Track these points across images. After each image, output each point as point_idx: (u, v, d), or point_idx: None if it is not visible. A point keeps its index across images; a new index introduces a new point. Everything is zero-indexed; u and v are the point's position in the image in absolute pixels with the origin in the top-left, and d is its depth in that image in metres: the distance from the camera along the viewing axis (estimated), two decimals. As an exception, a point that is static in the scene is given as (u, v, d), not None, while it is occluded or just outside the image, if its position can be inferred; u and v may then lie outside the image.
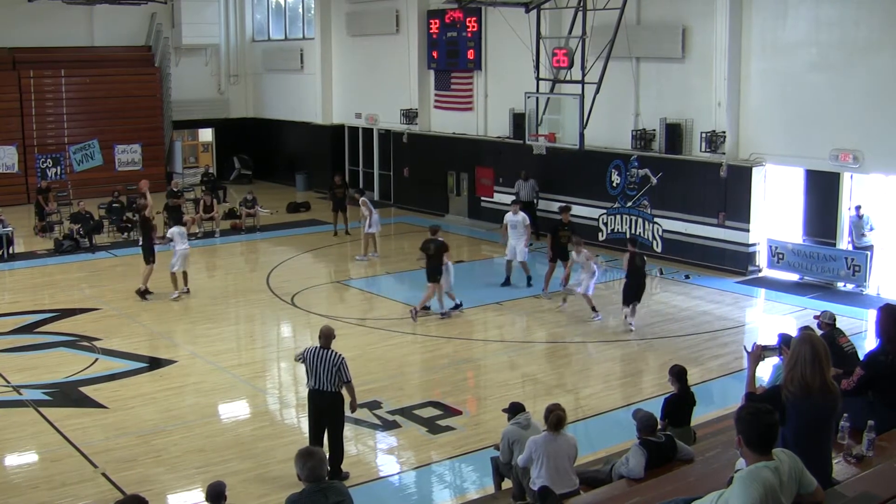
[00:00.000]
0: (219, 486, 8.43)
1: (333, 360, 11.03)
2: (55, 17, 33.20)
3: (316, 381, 11.13)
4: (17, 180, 32.45)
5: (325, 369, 11.03)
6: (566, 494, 8.80)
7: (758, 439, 5.38)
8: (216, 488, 8.38)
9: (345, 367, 11.07)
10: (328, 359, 11.04)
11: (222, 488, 8.41)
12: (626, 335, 17.51)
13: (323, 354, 11.08)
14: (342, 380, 11.10)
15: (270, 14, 38.25)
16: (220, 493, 8.35)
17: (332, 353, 11.09)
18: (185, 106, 36.79)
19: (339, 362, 11.03)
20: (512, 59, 25.42)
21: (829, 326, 11.54)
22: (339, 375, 11.05)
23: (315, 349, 11.18)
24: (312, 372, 11.11)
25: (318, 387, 11.13)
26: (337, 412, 11.31)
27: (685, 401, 10.76)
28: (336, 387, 11.13)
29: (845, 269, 19.98)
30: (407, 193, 31.68)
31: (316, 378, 11.10)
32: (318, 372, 11.06)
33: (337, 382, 11.10)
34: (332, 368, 11.02)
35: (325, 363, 11.03)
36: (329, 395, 11.17)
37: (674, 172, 22.98)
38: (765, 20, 21.16)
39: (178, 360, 16.22)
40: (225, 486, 8.49)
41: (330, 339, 11.27)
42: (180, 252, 20.11)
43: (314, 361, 11.08)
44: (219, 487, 8.40)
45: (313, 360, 11.09)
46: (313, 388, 11.21)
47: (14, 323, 18.59)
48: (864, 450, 7.58)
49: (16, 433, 13.09)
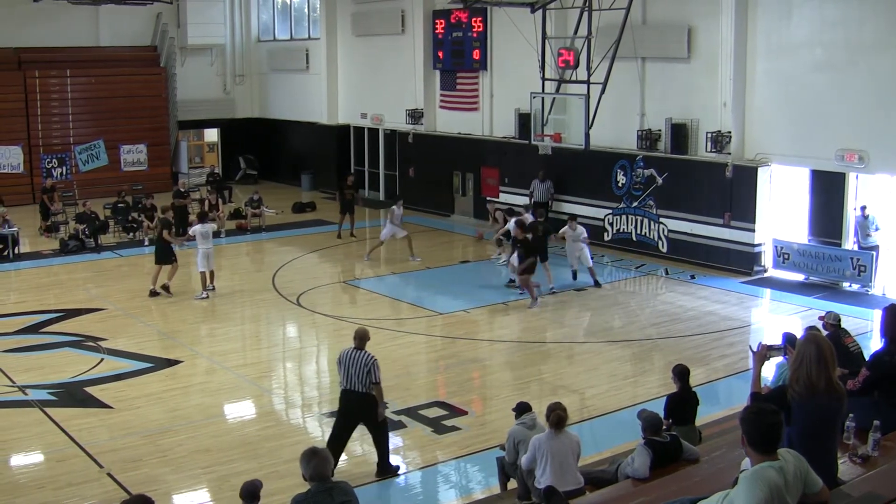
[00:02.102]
0: (253, 485, 8.18)
1: (365, 361, 11.19)
2: (61, 17, 33.25)
3: (348, 382, 11.30)
4: (23, 180, 32.48)
5: (356, 370, 11.19)
6: (571, 493, 8.79)
7: (760, 438, 5.38)
8: (250, 487, 8.14)
9: (375, 369, 11.21)
10: (360, 360, 11.20)
11: (256, 488, 8.17)
12: (631, 335, 17.51)
13: (356, 355, 11.25)
14: (372, 381, 11.22)
15: (276, 14, 38.26)
16: (255, 492, 8.12)
17: (365, 355, 11.24)
18: (191, 106, 36.83)
19: (371, 364, 11.18)
20: (517, 60, 25.39)
21: (834, 327, 11.54)
22: (369, 377, 11.18)
23: (349, 350, 11.34)
24: (345, 372, 11.29)
25: (350, 387, 11.31)
26: (369, 414, 11.44)
27: (686, 400, 10.76)
28: (367, 388, 11.25)
29: (851, 269, 19.95)
30: (412, 193, 31.57)
31: (348, 378, 11.28)
32: (350, 372, 11.23)
33: (368, 384, 11.23)
34: (364, 369, 11.17)
35: (357, 364, 11.20)
36: (358, 396, 11.31)
37: (679, 172, 22.96)
38: (770, 20, 21.13)
39: (184, 360, 16.22)
40: (261, 485, 8.25)
41: (364, 340, 11.42)
42: (203, 251, 20.20)
43: (347, 362, 11.27)
44: (253, 486, 8.16)
45: (347, 360, 11.28)
46: (345, 388, 11.40)
47: (20, 323, 18.61)
48: (869, 450, 7.57)
49: (21, 433, 13.10)
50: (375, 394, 11.35)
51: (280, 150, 37.98)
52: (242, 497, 8.15)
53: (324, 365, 17.05)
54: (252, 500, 8.12)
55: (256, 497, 8.13)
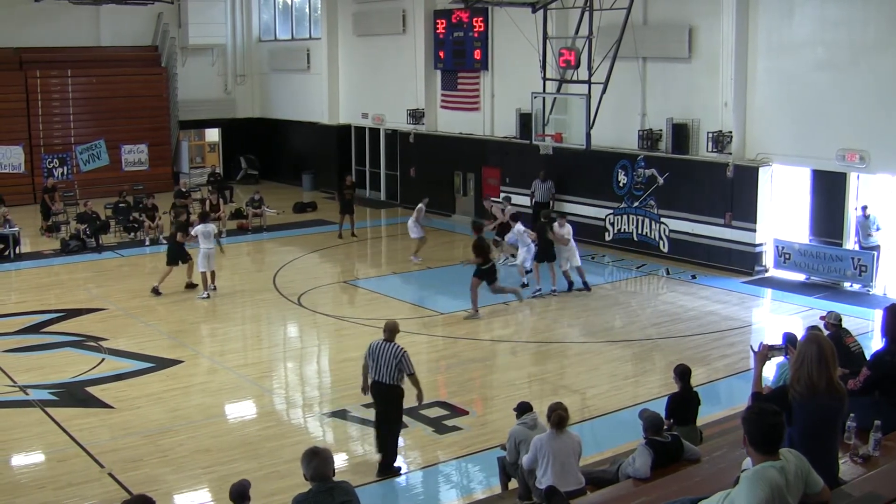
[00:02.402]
0: (241, 485, 8.18)
1: (395, 352, 11.42)
2: (62, 17, 33.26)
3: (377, 373, 11.55)
4: (24, 180, 32.49)
5: (385, 361, 11.43)
6: (573, 493, 8.79)
7: (762, 439, 5.38)
8: (239, 488, 8.14)
9: (406, 360, 11.45)
10: (389, 352, 11.44)
11: (245, 488, 8.16)
12: (632, 335, 17.52)
13: (385, 347, 11.49)
14: (403, 372, 11.47)
15: (277, 14, 38.26)
16: (244, 493, 8.12)
17: (395, 346, 11.49)
18: (192, 106, 36.84)
19: (400, 355, 11.42)
20: (518, 59, 25.40)
21: (835, 327, 11.54)
22: (398, 368, 11.40)
23: (379, 342, 11.59)
24: (375, 364, 11.54)
25: (379, 378, 11.56)
26: (392, 405, 11.67)
27: (687, 400, 10.76)
28: (395, 380, 11.49)
29: (852, 269, 19.94)
30: (413, 193, 31.53)
31: (377, 370, 11.52)
32: (380, 364, 11.47)
33: (396, 375, 11.46)
34: (393, 361, 11.40)
35: (387, 355, 11.44)
36: (386, 387, 11.54)
37: (680, 172, 22.96)
38: (771, 20, 21.13)
39: (185, 360, 16.22)
40: (249, 485, 8.24)
41: (394, 332, 11.67)
42: (204, 251, 20.26)
43: (377, 353, 11.51)
44: (242, 487, 8.16)
45: (377, 352, 11.52)
46: (374, 380, 11.64)
47: (20, 323, 18.62)
48: (870, 450, 7.57)
49: (22, 433, 13.11)
50: (412, 382, 11.63)
51: (281, 150, 37.98)
52: (232, 498, 8.14)
53: (324, 365, 17.07)
54: (242, 501, 8.12)
55: (246, 497, 8.13)
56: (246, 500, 8.14)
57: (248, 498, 8.15)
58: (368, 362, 11.68)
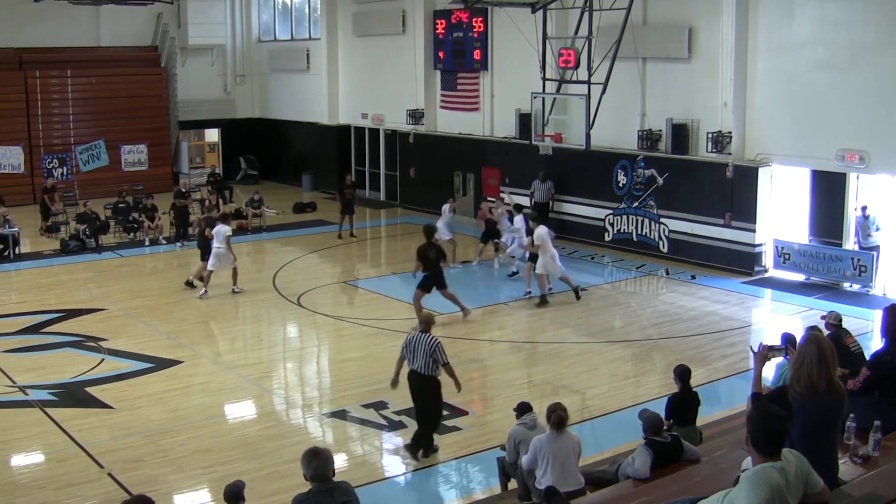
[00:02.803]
0: (235, 486, 8.20)
1: (429, 343, 11.80)
2: (61, 18, 33.23)
3: (414, 363, 11.93)
4: (24, 180, 32.47)
5: (421, 352, 11.82)
6: (572, 493, 8.80)
7: (764, 441, 5.38)
8: (233, 489, 8.16)
9: (440, 351, 11.80)
10: (424, 343, 11.83)
11: (239, 489, 8.17)
12: (632, 335, 17.52)
13: (421, 339, 11.90)
14: (437, 363, 11.81)
15: (276, 14, 38.26)
16: (238, 493, 8.13)
17: (429, 338, 11.87)
18: (192, 106, 36.83)
19: (434, 346, 11.78)
20: (518, 60, 25.40)
21: (835, 327, 11.54)
22: (433, 358, 11.75)
23: (416, 334, 12.04)
24: (411, 355, 11.93)
25: (416, 368, 11.95)
26: (427, 395, 12.08)
27: (687, 400, 10.77)
28: (431, 370, 11.85)
29: (851, 269, 19.95)
30: (413, 193, 31.67)
31: (414, 360, 11.92)
32: (416, 355, 11.87)
33: (431, 366, 11.82)
34: (428, 352, 11.77)
35: (422, 347, 11.83)
36: (421, 377, 11.93)
37: (680, 173, 22.96)
38: (771, 20, 21.13)
39: (185, 361, 16.22)
40: (243, 485, 8.24)
41: (429, 324, 12.16)
42: (215, 251, 20.33)
43: (413, 345, 11.91)
44: (236, 488, 8.17)
45: (412, 343, 11.93)
46: (411, 370, 12.03)
47: (20, 323, 18.62)
48: (870, 450, 7.58)
49: (22, 433, 13.11)
50: (447, 373, 11.99)
51: (281, 151, 37.98)
52: (226, 499, 8.14)
53: (324, 365, 17.07)
54: (236, 502, 8.12)
55: (240, 498, 8.14)
56: (240, 501, 8.15)
57: (242, 499, 8.15)
58: (405, 354, 12.05)
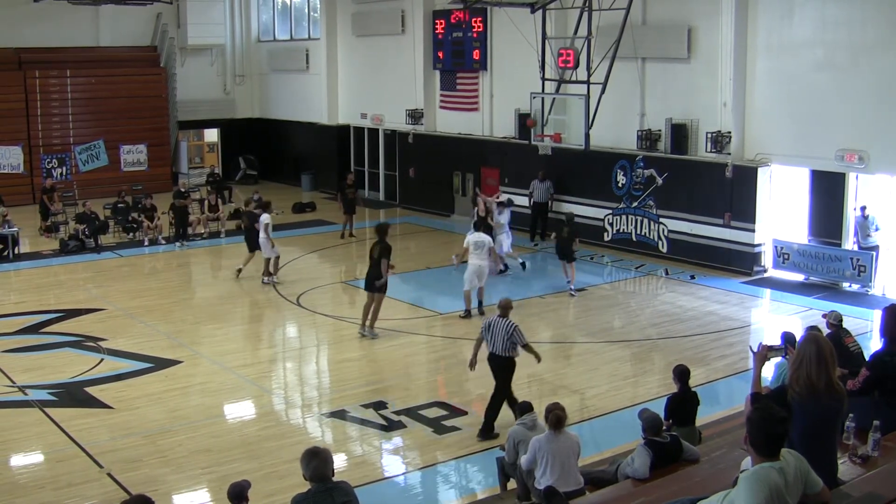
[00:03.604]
0: (239, 486, 8.18)
1: (507, 327, 12.49)
2: (61, 18, 33.21)
3: (493, 346, 12.59)
4: (23, 181, 32.45)
5: (500, 336, 12.49)
6: (572, 493, 8.80)
7: (764, 441, 5.38)
8: (237, 488, 8.14)
9: (518, 333, 12.53)
10: (503, 326, 12.52)
11: (244, 488, 8.16)
12: (631, 335, 17.53)
13: (500, 322, 12.59)
14: (515, 344, 12.48)
15: (276, 14, 38.25)
16: (242, 493, 8.12)
17: (507, 322, 12.58)
18: (191, 106, 36.81)
19: (512, 329, 12.50)
20: (517, 60, 25.39)
21: (836, 327, 11.54)
22: (511, 341, 12.43)
23: (494, 318, 12.72)
24: (491, 338, 12.60)
25: (494, 351, 12.60)
26: (503, 375, 12.62)
27: (687, 400, 10.77)
28: (508, 352, 12.52)
29: (851, 269, 19.95)
30: (412, 194, 31.68)
31: (493, 343, 12.57)
32: (495, 338, 12.54)
33: (510, 348, 12.48)
34: (506, 335, 12.44)
35: (500, 330, 12.51)
36: (500, 359, 12.57)
37: (679, 173, 22.97)
38: (771, 20, 21.13)
39: (184, 361, 16.21)
40: (248, 485, 8.22)
41: (507, 309, 12.78)
42: (262, 240, 21.20)
43: (492, 329, 12.60)
44: (239, 487, 8.16)
45: (492, 327, 12.62)
46: (490, 353, 12.69)
47: (20, 323, 18.61)
48: (869, 450, 7.58)
49: (21, 433, 13.10)
50: (528, 352, 12.70)
51: (280, 151, 37.97)
52: (230, 498, 8.14)
53: (324, 365, 17.07)
54: (239, 501, 8.12)
55: (244, 497, 8.14)
56: (244, 501, 8.15)
57: (246, 498, 8.16)
58: (484, 335, 12.72)
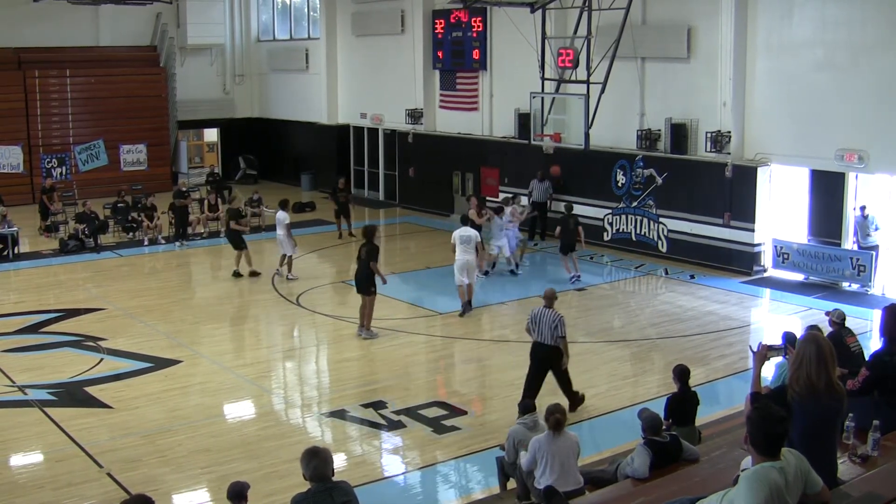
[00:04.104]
0: (239, 485, 8.26)
1: (553, 317, 12.93)
2: (60, 17, 33.21)
3: (539, 335, 13.01)
4: (23, 180, 32.47)
5: (546, 325, 12.90)
6: (571, 493, 8.80)
7: (764, 441, 5.38)
8: (237, 487, 8.22)
9: (561, 325, 12.92)
10: (549, 316, 12.94)
11: (243, 488, 8.24)
12: (631, 335, 17.53)
13: (545, 312, 12.99)
14: (558, 335, 12.85)
15: (276, 14, 38.24)
16: (241, 492, 8.20)
17: (553, 312, 12.99)
18: (191, 106, 36.83)
19: (557, 320, 12.91)
20: (517, 59, 25.40)
21: (838, 325, 11.49)
22: (555, 331, 12.83)
23: (541, 308, 13.08)
24: (536, 327, 13.01)
25: (541, 340, 13.02)
26: (551, 362, 13.12)
27: (687, 400, 10.76)
28: (554, 340, 12.92)
29: (850, 269, 19.95)
30: (412, 193, 31.68)
31: (539, 332, 13.00)
32: (541, 327, 12.96)
33: (554, 336, 12.88)
34: (551, 325, 12.86)
35: (546, 320, 12.92)
36: (546, 347, 12.99)
37: (679, 172, 22.97)
38: (770, 20, 21.13)
39: (184, 360, 16.21)
40: (247, 486, 8.31)
41: (552, 299, 13.19)
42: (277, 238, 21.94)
43: (538, 318, 13.00)
44: (239, 487, 8.24)
45: (538, 317, 13.02)
46: (536, 342, 13.11)
47: (19, 323, 18.61)
48: (869, 450, 7.58)
49: (21, 433, 13.10)
50: (561, 346, 12.98)
51: (280, 150, 37.97)
52: (230, 497, 8.19)
53: (323, 365, 17.06)
54: (239, 500, 8.15)
55: (243, 497, 8.18)
56: (243, 500, 8.18)
57: (245, 498, 8.20)
58: (531, 326, 13.11)
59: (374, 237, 17.76)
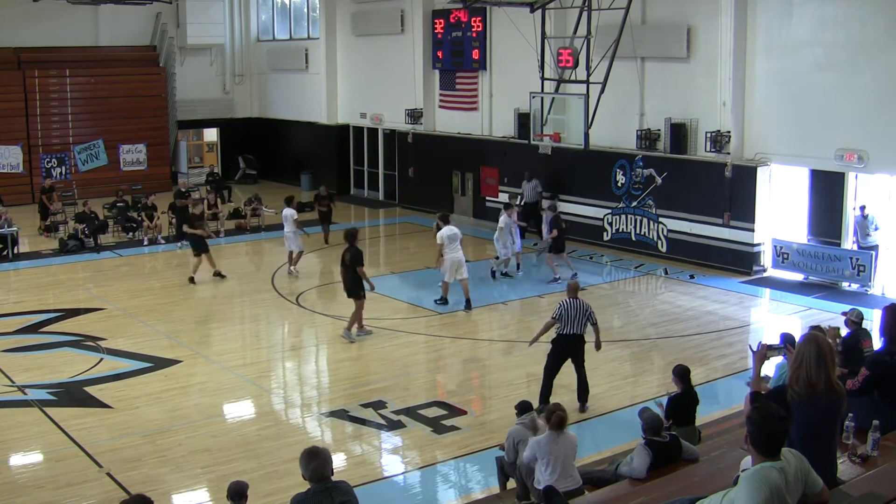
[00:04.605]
0: (239, 484, 8.32)
1: (584, 307, 13.34)
2: (60, 17, 33.22)
3: (570, 327, 13.29)
4: (22, 180, 32.47)
5: (577, 315, 13.26)
6: (570, 492, 8.81)
7: (764, 441, 5.37)
8: (237, 486, 8.28)
9: (592, 312, 13.46)
10: (580, 306, 13.30)
11: (243, 487, 8.30)
12: (631, 335, 17.53)
13: (575, 303, 13.33)
14: (591, 322, 13.38)
15: (275, 14, 38.23)
16: (241, 491, 8.26)
17: (582, 302, 13.42)
18: (190, 106, 36.83)
19: (589, 308, 13.42)
20: (517, 59, 25.39)
21: (856, 325, 11.44)
22: (589, 319, 13.33)
23: (570, 300, 13.37)
24: (567, 318, 13.27)
25: (573, 331, 13.33)
26: (578, 352, 13.48)
27: (688, 400, 10.76)
28: (583, 329, 13.34)
29: (850, 268, 19.95)
30: (412, 193, 31.67)
31: (571, 324, 13.27)
32: (572, 318, 13.27)
33: (585, 324, 13.32)
34: (585, 313, 13.30)
35: (578, 310, 13.27)
36: (576, 337, 13.38)
37: (679, 172, 22.96)
38: (770, 20, 21.13)
39: (183, 360, 16.21)
40: (247, 485, 8.37)
41: (576, 290, 13.59)
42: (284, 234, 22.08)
43: (569, 310, 13.28)
44: (239, 486, 8.30)
45: (570, 309, 13.28)
46: (565, 333, 13.36)
47: (19, 323, 18.61)
48: (868, 449, 7.58)
49: (21, 433, 13.10)
50: (594, 331, 13.50)
51: (279, 150, 37.95)
52: (230, 497, 8.23)
53: (323, 365, 17.05)
54: (239, 499, 8.19)
55: (244, 496, 8.22)
56: (243, 500, 8.21)
57: (245, 497, 8.22)
58: (562, 318, 13.27)
59: (357, 240, 17.56)
